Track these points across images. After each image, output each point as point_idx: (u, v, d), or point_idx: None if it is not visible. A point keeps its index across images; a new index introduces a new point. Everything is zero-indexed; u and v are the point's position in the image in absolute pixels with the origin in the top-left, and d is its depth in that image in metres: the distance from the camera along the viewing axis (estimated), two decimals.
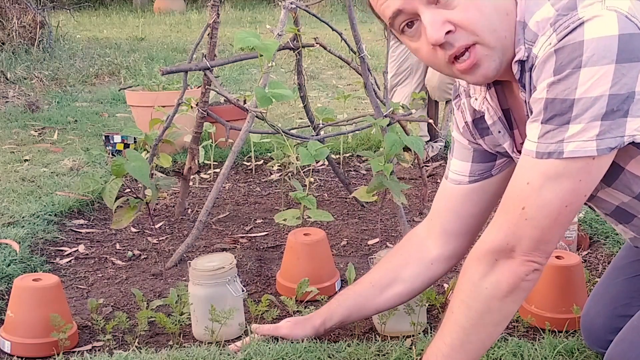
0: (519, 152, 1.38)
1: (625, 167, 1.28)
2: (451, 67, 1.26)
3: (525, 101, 1.29)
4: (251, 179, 3.50)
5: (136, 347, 1.88)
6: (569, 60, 1.15)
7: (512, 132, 1.41)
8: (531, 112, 1.25)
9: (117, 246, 2.66)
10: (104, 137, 3.88)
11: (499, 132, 1.41)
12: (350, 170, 3.62)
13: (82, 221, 2.89)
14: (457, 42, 1.21)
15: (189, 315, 1.96)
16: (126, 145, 3.73)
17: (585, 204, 1.48)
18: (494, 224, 1.31)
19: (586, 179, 1.21)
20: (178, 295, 2.03)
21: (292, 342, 1.80)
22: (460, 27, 1.21)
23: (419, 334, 1.90)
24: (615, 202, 1.37)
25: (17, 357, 1.86)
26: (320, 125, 2.98)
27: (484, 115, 1.43)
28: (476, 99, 1.42)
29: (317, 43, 2.72)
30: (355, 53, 2.74)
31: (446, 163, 1.74)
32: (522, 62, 1.25)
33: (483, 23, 1.20)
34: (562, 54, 1.15)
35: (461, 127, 1.52)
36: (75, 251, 2.60)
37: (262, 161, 3.75)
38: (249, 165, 3.66)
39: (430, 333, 1.90)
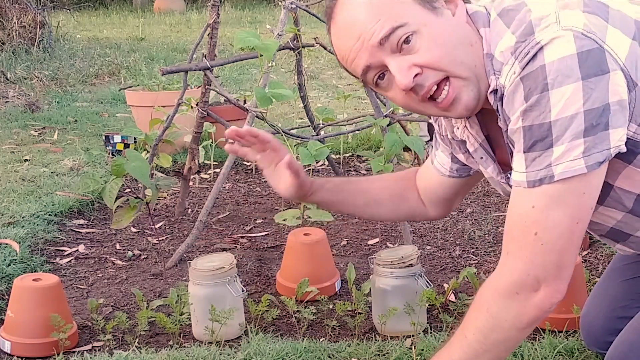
0: (504, 172, 1.39)
1: (614, 185, 1.28)
2: (428, 105, 1.29)
3: (503, 130, 1.30)
4: (251, 179, 3.50)
5: (136, 347, 1.88)
6: (536, 86, 1.16)
7: (494, 157, 1.41)
8: (512, 143, 1.26)
9: (117, 246, 2.66)
10: (104, 137, 3.88)
11: (481, 157, 1.42)
12: (350, 170, 3.62)
13: (82, 221, 2.89)
14: (426, 82, 1.25)
15: (189, 315, 1.96)
16: (126, 145, 3.72)
17: None
18: (509, 256, 1.27)
19: (588, 191, 1.20)
20: (178, 295, 2.03)
21: (292, 342, 1.80)
22: (427, 68, 1.24)
23: (419, 334, 1.90)
24: (609, 223, 1.36)
25: (17, 357, 1.86)
26: (320, 125, 2.98)
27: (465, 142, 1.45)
28: (458, 128, 1.43)
29: (317, 43, 2.73)
30: None
31: None
32: (495, 92, 1.26)
33: (447, 58, 1.24)
34: (528, 81, 1.17)
35: (442, 132, 1.55)
36: (75, 251, 2.60)
37: None
38: (249, 165, 3.66)
39: (430, 333, 1.90)
